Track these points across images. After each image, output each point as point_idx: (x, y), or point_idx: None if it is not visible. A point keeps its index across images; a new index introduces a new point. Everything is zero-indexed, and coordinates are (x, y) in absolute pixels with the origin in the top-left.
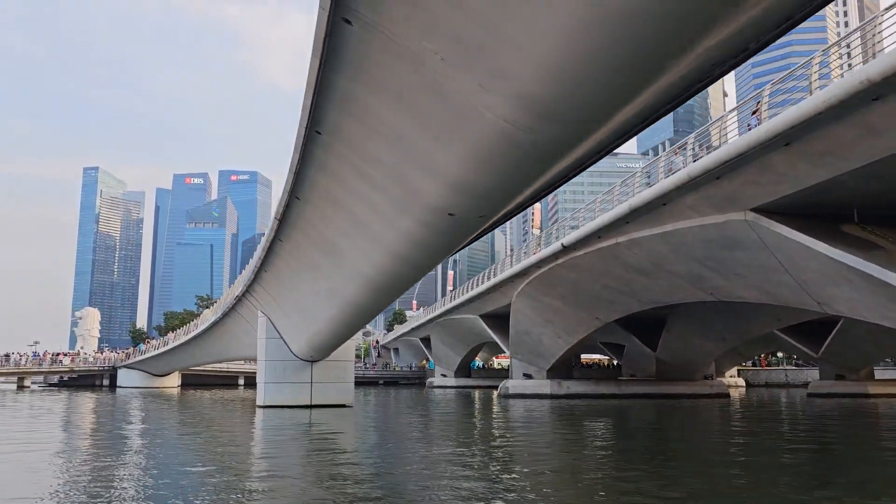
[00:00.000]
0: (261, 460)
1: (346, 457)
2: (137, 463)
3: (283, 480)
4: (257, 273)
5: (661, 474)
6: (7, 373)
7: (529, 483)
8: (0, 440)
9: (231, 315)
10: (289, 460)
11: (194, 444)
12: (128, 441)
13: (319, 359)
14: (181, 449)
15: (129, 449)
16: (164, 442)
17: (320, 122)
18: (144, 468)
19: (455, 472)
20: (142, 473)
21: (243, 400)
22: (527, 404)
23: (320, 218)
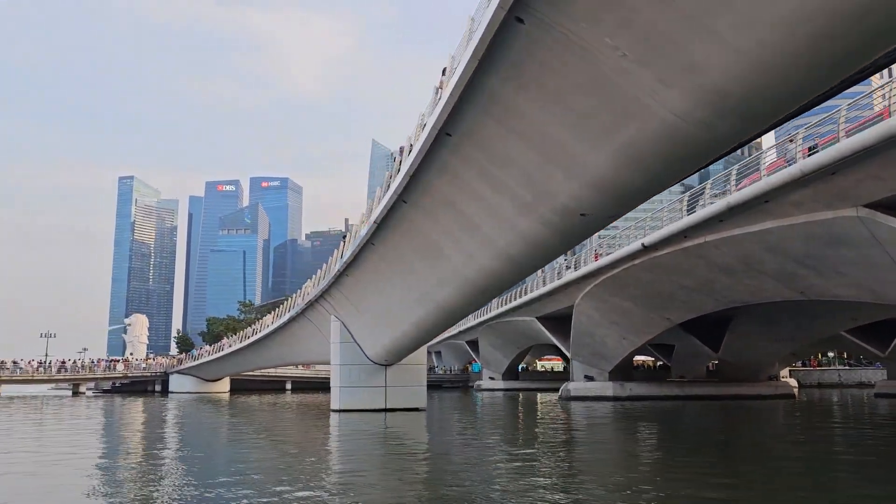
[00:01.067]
0: (363, 467)
1: (441, 461)
2: (262, 469)
3: (391, 486)
4: (338, 277)
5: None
6: (64, 379)
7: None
8: (106, 449)
9: (298, 320)
10: (386, 465)
11: (290, 451)
12: (239, 449)
13: (394, 362)
14: (281, 455)
15: (247, 458)
16: (264, 448)
17: (454, 124)
18: (269, 474)
19: (542, 477)
20: (266, 479)
21: (307, 404)
22: (591, 407)
23: (425, 221)
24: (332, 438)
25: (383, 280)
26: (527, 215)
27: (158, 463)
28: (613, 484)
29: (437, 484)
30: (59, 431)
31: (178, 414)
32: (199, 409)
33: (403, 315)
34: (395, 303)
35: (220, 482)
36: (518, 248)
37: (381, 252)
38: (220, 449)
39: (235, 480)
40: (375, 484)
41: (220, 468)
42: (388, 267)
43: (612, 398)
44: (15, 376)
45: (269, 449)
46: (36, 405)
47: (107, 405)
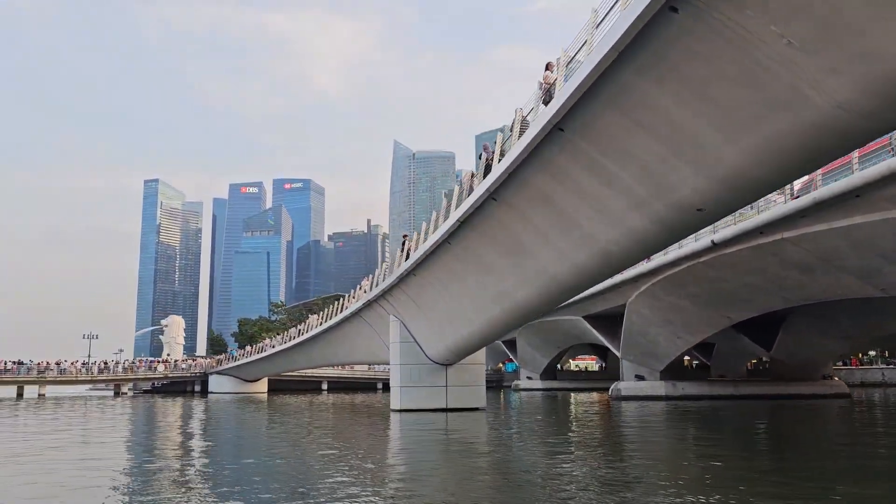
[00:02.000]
0: (440, 468)
1: (539, 471)
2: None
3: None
4: (403, 277)
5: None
6: (106, 379)
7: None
8: (177, 450)
9: (351, 320)
10: (464, 469)
11: (362, 453)
12: (323, 453)
13: (454, 362)
14: (351, 457)
15: (323, 461)
16: (337, 448)
17: (571, 119)
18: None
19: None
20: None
21: (358, 405)
22: (643, 406)
23: (513, 219)
24: (409, 441)
25: (455, 279)
26: (637, 210)
27: (266, 468)
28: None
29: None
30: (146, 433)
31: (236, 415)
32: (251, 410)
33: (474, 315)
34: (467, 302)
35: (322, 487)
36: (619, 244)
37: (457, 251)
38: (308, 454)
39: (332, 485)
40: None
41: (314, 474)
42: (462, 266)
43: (664, 398)
44: (59, 377)
45: (356, 453)
46: (91, 405)
47: (158, 406)
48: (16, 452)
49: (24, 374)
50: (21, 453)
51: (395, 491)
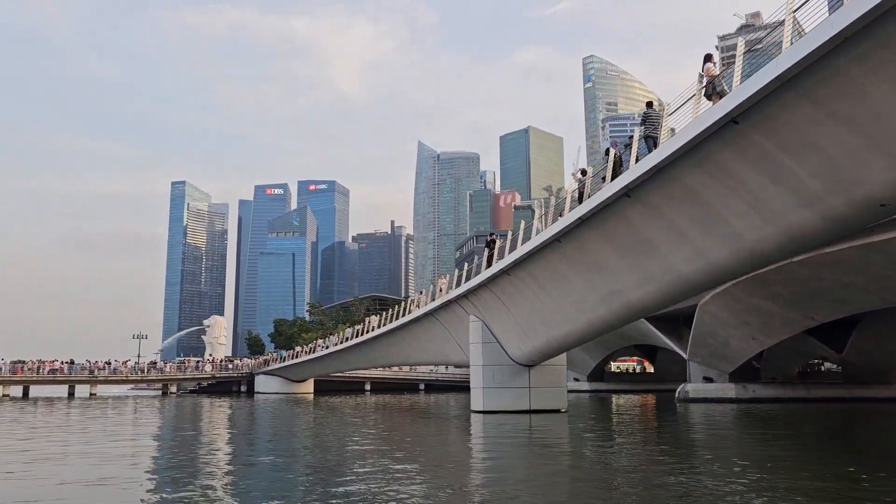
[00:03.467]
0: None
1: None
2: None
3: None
4: (494, 277)
5: None
6: (155, 379)
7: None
8: (267, 461)
9: (421, 320)
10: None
11: (463, 456)
12: (432, 460)
13: (538, 363)
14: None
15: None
16: (441, 456)
17: (750, 111)
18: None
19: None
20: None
21: (423, 405)
22: (713, 409)
23: (644, 216)
24: (511, 445)
25: (558, 279)
26: (806, 206)
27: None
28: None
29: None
30: (225, 432)
31: (305, 417)
32: (315, 412)
33: (575, 314)
34: (568, 302)
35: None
36: (769, 242)
37: (566, 250)
38: (417, 461)
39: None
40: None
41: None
42: (569, 265)
43: (734, 400)
44: (110, 377)
45: (471, 460)
46: (148, 404)
47: (214, 405)
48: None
49: (76, 374)
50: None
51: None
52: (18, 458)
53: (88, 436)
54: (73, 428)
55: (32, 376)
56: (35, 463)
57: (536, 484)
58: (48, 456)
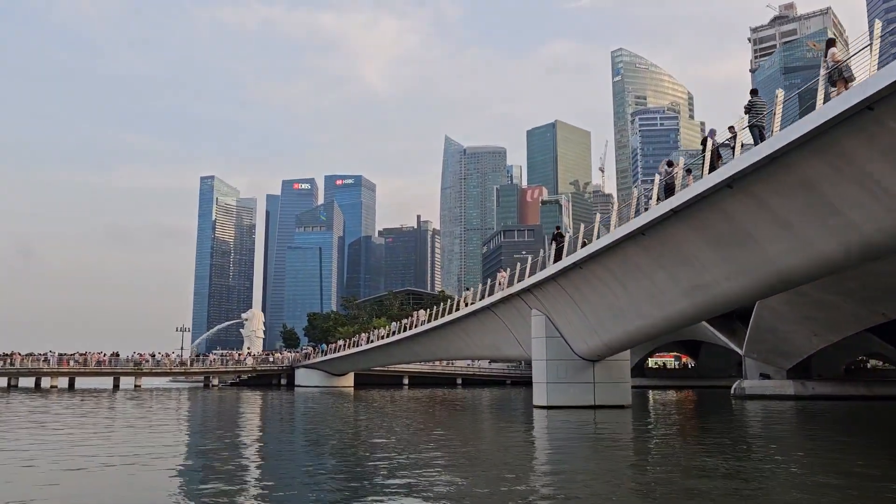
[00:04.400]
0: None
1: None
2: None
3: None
4: (564, 271)
5: None
6: (198, 372)
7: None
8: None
9: (478, 314)
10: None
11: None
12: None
13: (603, 358)
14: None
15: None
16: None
17: (892, 96)
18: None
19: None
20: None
21: (478, 401)
22: (774, 406)
23: (743, 207)
24: (587, 441)
25: (636, 272)
26: None
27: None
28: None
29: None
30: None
31: (365, 411)
32: (363, 405)
33: (652, 309)
34: (644, 296)
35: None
36: (889, 234)
37: (649, 243)
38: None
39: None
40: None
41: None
42: (650, 259)
43: (793, 397)
44: (155, 369)
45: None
46: (196, 396)
47: (262, 398)
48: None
49: (121, 367)
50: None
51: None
52: (124, 451)
53: (195, 426)
54: (165, 418)
55: (79, 368)
56: (165, 456)
57: (622, 483)
58: (169, 444)
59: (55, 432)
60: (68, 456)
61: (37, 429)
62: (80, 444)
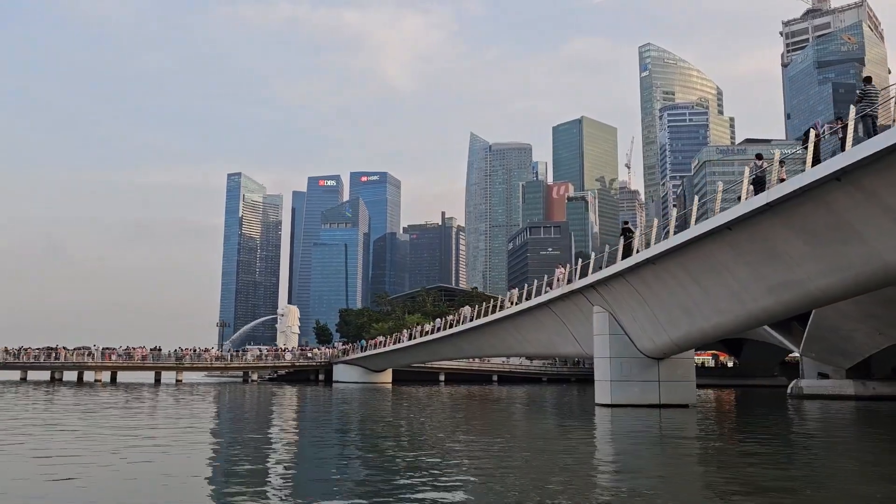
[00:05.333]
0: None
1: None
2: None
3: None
4: (634, 267)
5: None
6: (237, 367)
7: None
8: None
9: (532, 311)
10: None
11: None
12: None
13: (669, 356)
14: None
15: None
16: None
17: None
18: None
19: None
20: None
21: (532, 398)
22: (834, 407)
23: (857, 200)
24: (665, 441)
25: (717, 268)
26: None
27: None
28: None
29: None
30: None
31: (417, 408)
32: (412, 401)
33: (731, 306)
34: (723, 293)
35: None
36: None
37: (734, 239)
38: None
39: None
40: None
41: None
42: (734, 254)
43: (854, 397)
44: (196, 364)
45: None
46: (241, 391)
47: (306, 392)
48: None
49: (162, 361)
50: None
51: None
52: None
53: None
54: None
55: (122, 362)
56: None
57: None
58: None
59: (168, 426)
60: (191, 443)
61: (144, 419)
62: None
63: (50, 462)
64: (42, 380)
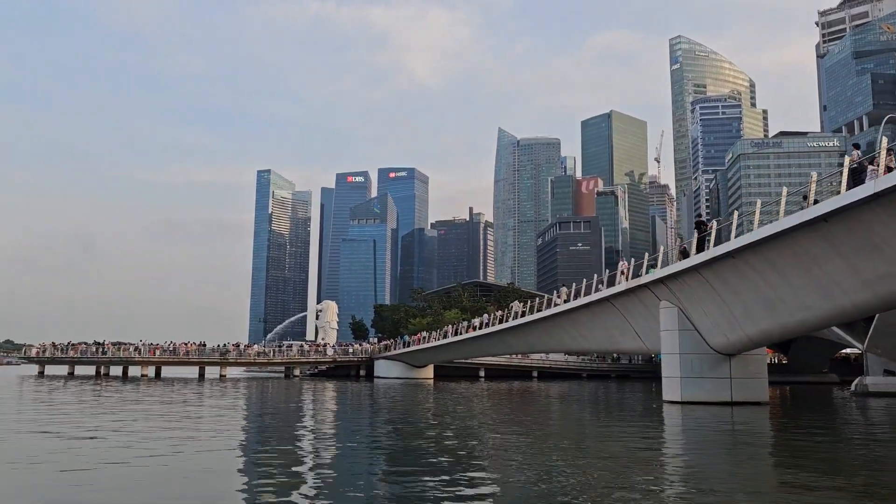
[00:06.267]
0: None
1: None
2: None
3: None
4: (710, 262)
5: None
6: (279, 362)
7: None
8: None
9: (591, 306)
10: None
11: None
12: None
13: (741, 352)
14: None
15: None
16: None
17: None
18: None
19: None
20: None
21: (582, 395)
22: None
23: None
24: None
25: (806, 262)
26: None
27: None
28: None
29: None
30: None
31: (476, 404)
32: (467, 398)
33: (819, 301)
34: (811, 287)
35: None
36: None
37: (829, 230)
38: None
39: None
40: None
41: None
42: (826, 247)
43: None
44: (240, 359)
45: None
46: (287, 386)
47: (353, 388)
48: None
49: (207, 356)
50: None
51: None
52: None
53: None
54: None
55: (168, 357)
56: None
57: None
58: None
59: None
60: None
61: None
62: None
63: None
64: (89, 375)
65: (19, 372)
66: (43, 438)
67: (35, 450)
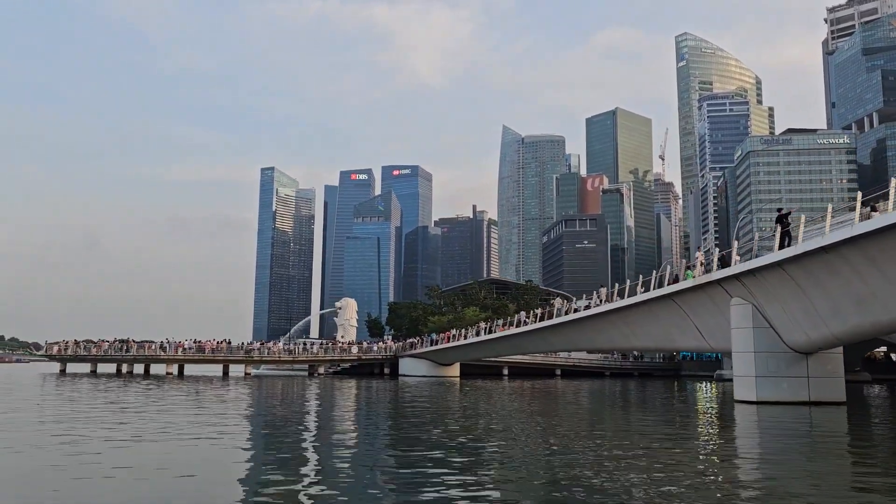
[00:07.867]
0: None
1: None
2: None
3: None
4: (797, 257)
5: None
6: (303, 360)
7: None
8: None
9: (647, 304)
10: None
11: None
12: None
13: (818, 351)
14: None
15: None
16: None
17: None
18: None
19: None
20: None
21: (622, 392)
22: None
23: None
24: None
25: None
26: None
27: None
28: None
29: None
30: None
31: (524, 404)
32: (514, 398)
33: None
34: None
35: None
36: None
37: None
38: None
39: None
40: None
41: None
42: None
43: None
44: (265, 357)
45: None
46: (315, 384)
47: (392, 387)
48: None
49: (232, 354)
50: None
51: None
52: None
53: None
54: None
55: (192, 355)
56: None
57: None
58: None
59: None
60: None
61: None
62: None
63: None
64: (110, 373)
65: (37, 370)
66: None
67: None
